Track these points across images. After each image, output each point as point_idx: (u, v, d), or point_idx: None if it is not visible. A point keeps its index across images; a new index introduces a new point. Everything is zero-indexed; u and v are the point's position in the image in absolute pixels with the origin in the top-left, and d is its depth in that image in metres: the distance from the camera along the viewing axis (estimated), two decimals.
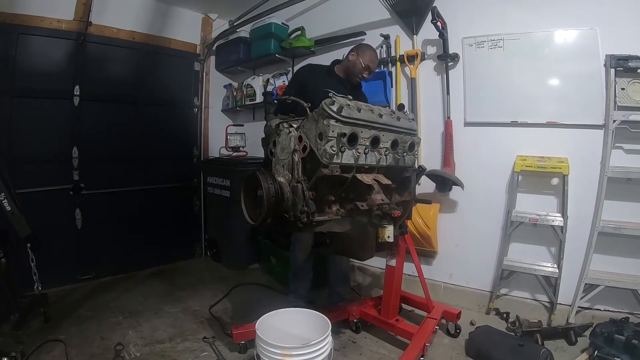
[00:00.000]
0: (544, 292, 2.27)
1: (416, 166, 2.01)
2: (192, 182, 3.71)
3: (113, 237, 3.05)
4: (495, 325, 2.12)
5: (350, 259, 2.44)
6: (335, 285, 2.40)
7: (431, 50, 2.59)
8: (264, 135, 1.71)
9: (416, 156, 2.00)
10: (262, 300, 2.56)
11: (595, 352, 1.76)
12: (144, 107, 3.26)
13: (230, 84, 3.91)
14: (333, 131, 1.38)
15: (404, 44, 2.68)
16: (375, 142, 1.56)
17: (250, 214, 1.55)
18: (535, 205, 2.25)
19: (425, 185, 2.52)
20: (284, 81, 3.40)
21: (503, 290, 2.39)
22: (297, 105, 1.59)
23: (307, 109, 1.47)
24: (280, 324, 1.67)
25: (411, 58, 2.60)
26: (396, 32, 2.71)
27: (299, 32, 3.12)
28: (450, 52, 2.43)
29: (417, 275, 2.12)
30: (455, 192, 2.49)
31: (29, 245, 2.08)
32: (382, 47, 2.78)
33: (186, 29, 3.58)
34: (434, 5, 2.39)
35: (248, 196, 1.56)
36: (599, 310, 2.12)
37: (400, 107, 2.49)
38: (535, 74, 2.23)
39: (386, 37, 2.73)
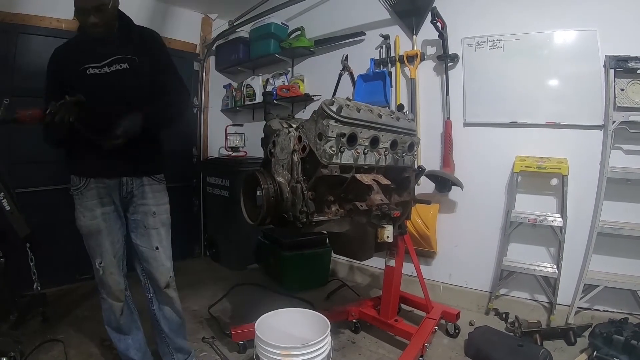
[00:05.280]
0: (543, 293, 2.27)
1: (415, 166, 2.01)
2: (192, 182, 3.70)
3: None
4: (495, 325, 2.12)
5: (350, 259, 2.43)
6: (167, 338, 1.74)
7: (431, 50, 2.59)
8: (263, 136, 1.71)
9: (415, 156, 2.00)
10: (261, 301, 2.56)
11: (595, 353, 1.76)
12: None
13: (230, 84, 3.91)
14: (332, 131, 1.38)
15: (403, 44, 2.68)
16: (374, 142, 1.56)
17: (250, 214, 1.55)
18: (534, 206, 2.25)
19: (424, 186, 2.52)
20: (283, 81, 3.40)
21: (502, 291, 2.39)
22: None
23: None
24: (280, 324, 1.67)
25: (411, 58, 2.60)
26: (396, 32, 2.71)
27: (298, 32, 3.12)
28: (450, 52, 2.43)
29: (417, 275, 2.11)
30: (454, 193, 2.49)
31: (28, 245, 2.08)
32: (381, 47, 2.79)
33: (186, 29, 3.57)
34: (433, 5, 2.38)
35: (247, 196, 1.57)
36: (598, 310, 2.12)
37: (400, 107, 2.51)
38: (535, 74, 2.23)
39: (386, 38, 2.73)
